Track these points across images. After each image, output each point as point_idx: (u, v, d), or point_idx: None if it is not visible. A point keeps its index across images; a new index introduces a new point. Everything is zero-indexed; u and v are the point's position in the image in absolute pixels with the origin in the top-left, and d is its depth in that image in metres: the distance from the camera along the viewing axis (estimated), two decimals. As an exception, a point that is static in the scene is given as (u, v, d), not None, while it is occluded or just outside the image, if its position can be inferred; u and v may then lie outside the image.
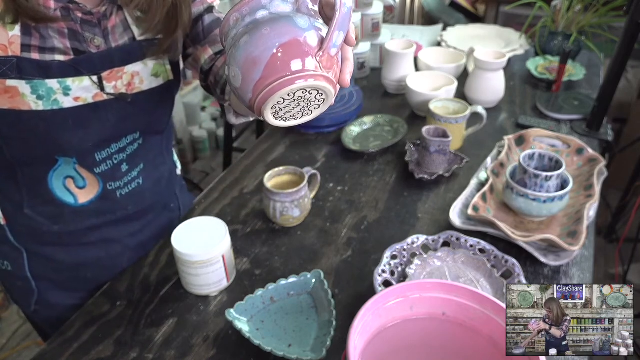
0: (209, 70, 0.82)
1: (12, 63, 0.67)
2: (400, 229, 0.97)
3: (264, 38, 0.48)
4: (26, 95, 0.69)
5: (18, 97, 0.68)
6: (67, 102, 0.71)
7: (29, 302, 0.91)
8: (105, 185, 0.82)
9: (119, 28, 0.74)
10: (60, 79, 0.70)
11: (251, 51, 0.49)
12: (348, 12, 0.48)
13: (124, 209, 0.87)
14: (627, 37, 1.11)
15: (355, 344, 0.53)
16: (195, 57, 0.83)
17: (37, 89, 0.69)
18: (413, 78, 1.34)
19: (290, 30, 0.49)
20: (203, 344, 0.76)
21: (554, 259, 0.86)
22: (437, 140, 1.06)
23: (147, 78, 0.78)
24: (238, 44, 0.50)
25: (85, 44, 0.71)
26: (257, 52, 0.48)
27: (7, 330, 1.93)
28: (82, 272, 0.89)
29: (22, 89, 0.68)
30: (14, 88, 0.68)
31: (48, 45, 0.69)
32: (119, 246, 0.90)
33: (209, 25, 0.82)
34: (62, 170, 0.78)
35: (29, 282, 0.88)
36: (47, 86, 0.69)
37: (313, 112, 0.55)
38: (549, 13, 1.57)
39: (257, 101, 0.50)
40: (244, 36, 0.50)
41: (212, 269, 0.80)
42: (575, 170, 1.06)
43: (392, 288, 0.59)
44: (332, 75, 0.51)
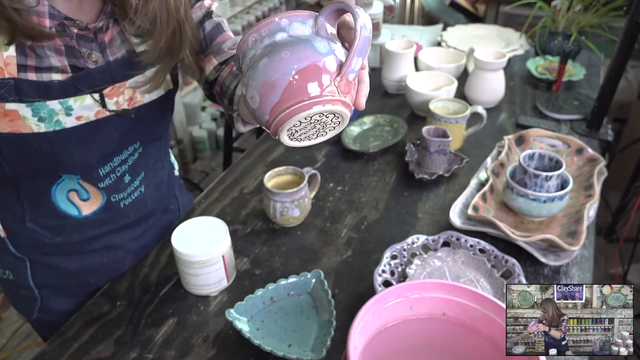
0: (214, 81, 0.81)
1: (9, 85, 0.64)
2: (400, 229, 0.97)
3: (283, 62, 0.48)
4: (27, 118, 0.67)
5: (19, 120, 0.67)
6: (70, 121, 0.70)
7: (32, 310, 0.90)
8: (109, 198, 0.82)
9: (115, 41, 0.73)
10: (62, 99, 0.68)
11: (270, 75, 0.48)
12: (368, 38, 0.48)
13: (127, 217, 0.87)
14: (627, 37, 1.11)
15: (355, 344, 0.53)
16: (199, 67, 0.82)
17: (39, 111, 0.67)
18: (413, 78, 1.34)
19: (309, 55, 0.48)
20: (203, 344, 0.76)
21: (554, 259, 0.86)
22: (437, 140, 1.06)
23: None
24: (257, 66, 0.50)
25: (82, 60, 0.69)
26: (276, 76, 0.48)
27: (7, 330, 1.93)
28: (85, 278, 0.88)
29: (23, 112, 0.66)
30: (13, 112, 0.66)
31: (45, 65, 0.66)
32: (122, 251, 0.90)
33: (210, 33, 0.81)
34: (66, 184, 0.77)
35: (32, 290, 0.87)
36: (48, 107, 0.67)
37: (328, 134, 0.55)
38: (549, 13, 1.57)
39: (274, 124, 0.50)
40: (263, 59, 0.49)
41: (212, 269, 0.80)
42: (575, 170, 1.06)
43: (392, 288, 0.59)
44: (349, 99, 0.51)
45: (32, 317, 0.91)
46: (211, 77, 0.81)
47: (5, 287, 0.90)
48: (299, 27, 0.51)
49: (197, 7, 0.80)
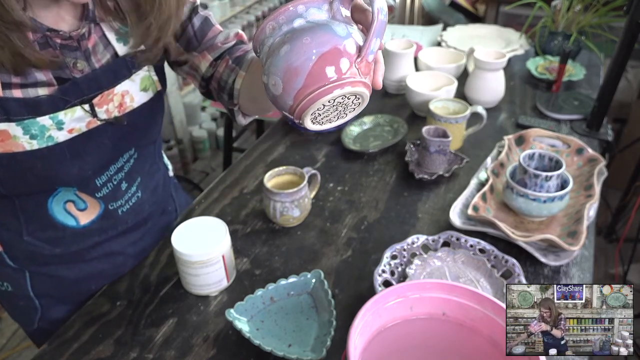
0: (211, 77, 0.81)
1: None
2: (400, 229, 0.97)
3: (305, 47, 0.49)
4: (18, 137, 0.65)
5: (9, 139, 0.64)
6: (62, 136, 0.68)
7: (32, 320, 0.89)
8: (107, 206, 0.81)
9: (99, 46, 0.70)
10: (52, 114, 0.66)
11: (293, 60, 0.49)
12: (385, 20, 0.49)
13: (125, 223, 0.86)
14: (627, 37, 1.11)
15: (355, 344, 0.53)
16: (193, 64, 0.81)
17: (29, 128, 0.65)
18: (413, 78, 1.34)
19: (330, 39, 0.49)
20: (203, 344, 0.76)
21: (554, 259, 0.86)
22: (437, 140, 1.06)
23: (137, 94, 0.75)
24: (278, 53, 0.50)
25: (67, 70, 0.67)
26: (299, 61, 0.49)
27: (7, 330, 1.93)
28: (86, 285, 0.87)
29: (13, 131, 0.64)
30: (3, 132, 0.64)
31: (30, 81, 0.64)
32: (121, 257, 0.89)
33: (200, 29, 0.80)
34: (62, 196, 0.76)
35: (32, 300, 0.86)
36: (39, 124, 0.65)
37: (348, 115, 0.56)
38: (549, 13, 1.57)
39: (298, 109, 0.51)
40: (284, 45, 0.50)
41: (212, 269, 0.80)
42: (575, 170, 1.06)
43: (392, 288, 0.59)
44: (369, 79, 0.53)
45: (32, 327, 0.90)
46: (207, 74, 0.81)
47: (3, 299, 0.88)
48: (315, 13, 0.52)
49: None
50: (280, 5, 0.53)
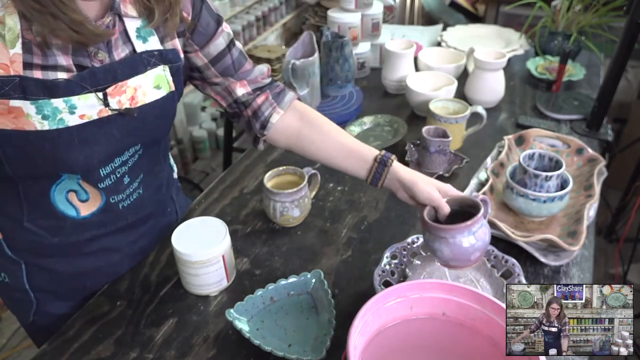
0: (245, 104, 0.88)
1: (14, 82, 0.65)
2: (400, 229, 0.97)
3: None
4: (31, 116, 0.67)
5: (22, 117, 0.67)
6: (73, 120, 0.70)
7: (27, 313, 0.90)
8: (108, 199, 0.81)
9: (119, 40, 0.73)
10: (66, 97, 0.69)
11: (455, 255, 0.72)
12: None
13: (125, 219, 0.86)
14: (627, 37, 1.11)
15: (355, 344, 0.53)
16: (228, 88, 0.87)
17: (42, 109, 0.67)
18: (413, 78, 1.34)
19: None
20: (203, 344, 0.76)
21: (554, 259, 0.86)
22: (437, 140, 1.06)
23: (150, 91, 0.77)
24: (453, 245, 0.71)
25: (88, 59, 0.70)
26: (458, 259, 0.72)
27: (7, 330, 1.93)
28: (82, 281, 0.88)
29: (27, 109, 0.67)
30: (18, 109, 0.66)
31: (50, 63, 0.67)
32: (119, 255, 0.89)
33: (238, 60, 0.87)
34: (65, 185, 0.77)
35: (27, 294, 0.87)
36: (52, 106, 0.68)
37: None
38: (549, 13, 1.57)
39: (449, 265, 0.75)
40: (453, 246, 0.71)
41: (212, 269, 0.80)
42: (575, 170, 1.06)
43: (392, 288, 0.59)
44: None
45: (27, 320, 0.91)
46: (243, 99, 0.88)
47: (1, 290, 0.89)
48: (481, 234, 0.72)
49: (219, 32, 0.84)
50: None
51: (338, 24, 1.49)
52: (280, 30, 2.83)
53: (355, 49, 1.52)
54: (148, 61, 0.76)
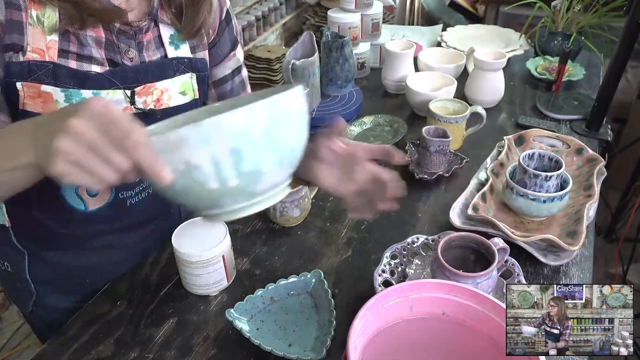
0: None
1: (48, 68, 0.66)
2: (400, 229, 0.97)
3: None
4: (59, 103, 0.68)
5: (51, 103, 0.68)
6: None
7: (26, 303, 0.91)
8: (117, 194, 0.82)
9: (152, 44, 0.76)
10: (95, 90, 0.70)
11: None
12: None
13: (131, 217, 0.87)
14: (627, 37, 1.11)
15: (355, 344, 0.53)
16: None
17: (71, 98, 0.69)
18: (413, 78, 1.34)
19: None
20: (203, 344, 0.76)
21: (553, 259, 0.86)
22: (437, 140, 1.06)
23: (175, 95, 0.79)
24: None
25: (119, 55, 0.72)
26: None
27: (7, 330, 1.93)
28: (82, 277, 0.89)
29: (56, 96, 0.68)
30: (48, 94, 0.68)
31: (85, 53, 0.69)
32: (121, 253, 0.90)
33: (236, 89, 0.90)
34: None
35: (28, 284, 0.88)
36: (81, 96, 0.69)
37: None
38: (549, 13, 1.57)
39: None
40: None
41: (212, 269, 0.81)
42: (575, 170, 1.06)
43: (392, 288, 0.59)
44: None
45: (27, 310, 0.92)
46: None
47: (3, 278, 0.91)
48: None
49: (230, 55, 0.86)
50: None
51: (338, 24, 1.49)
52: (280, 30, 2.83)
53: (355, 49, 1.52)
54: (177, 67, 0.78)
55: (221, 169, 0.48)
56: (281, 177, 0.55)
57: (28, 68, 0.66)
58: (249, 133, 0.48)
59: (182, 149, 0.47)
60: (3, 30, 0.63)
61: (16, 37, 0.64)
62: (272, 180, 0.53)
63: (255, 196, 0.53)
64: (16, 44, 0.64)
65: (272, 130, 0.50)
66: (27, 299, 0.90)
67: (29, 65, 0.66)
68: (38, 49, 0.66)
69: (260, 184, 0.52)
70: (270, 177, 0.53)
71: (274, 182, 0.54)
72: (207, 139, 0.47)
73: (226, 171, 0.49)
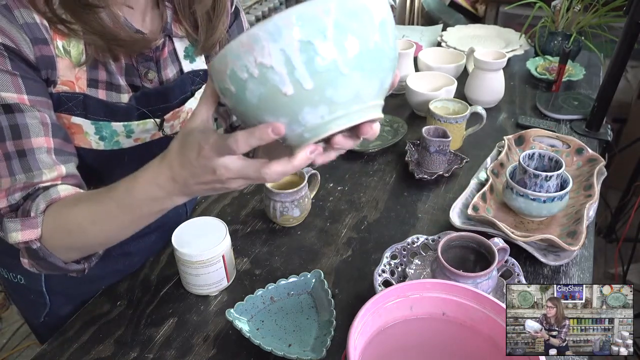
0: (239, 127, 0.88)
1: (78, 99, 0.66)
2: (400, 229, 0.97)
3: None
4: (89, 135, 0.68)
5: (81, 134, 0.68)
6: (127, 143, 0.71)
7: (39, 314, 0.90)
8: None
9: (168, 60, 0.74)
10: (126, 122, 0.70)
11: None
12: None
13: (149, 225, 0.87)
14: (627, 37, 1.11)
15: (355, 344, 0.53)
16: (228, 111, 0.88)
17: (101, 130, 0.68)
18: (413, 78, 1.34)
19: None
20: (203, 344, 0.76)
21: (553, 259, 0.86)
22: (437, 140, 1.06)
23: None
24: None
25: (138, 79, 0.71)
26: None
27: (7, 330, 1.93)
28: (98, 284, 0.88)
29: (87, 128, 0.68)
30: (78, 126, 0.67)
31: (114, 82, 0.68)
32: (136, 257, 0.90)
33: None
34: None
35: (43, 296, 0.87)
36: (111, 128, 0.69)
37: None
38: (549, 13, 1.57)
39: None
40: None
41: (212, 269, 0.81)
42: (575, 170, 1.06)
43: (392, 288, 0.59)
44: None
45: (37, 321, 0.91)
46: (236, 124, 0.89)
47: (14, 290, 0.90)
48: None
49: None
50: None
51: (338, 24, 1.49)
52: (280, 30, 2.83)
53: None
54: (193, 80, 0.77)
55: (294, 66, 0.45)
56: (365, 87, 0.49)
57: (58, 100, 0.65)
58: (319, 24, 0.45)
59: (254, 50, 0.45)
60: (38, 67, 0.62)
61: (50, 72, 0.63)
62: (353, 88, 0.48)
63: (337, 107, 0.48)
64: (50, 79, 0.64)
65: (346, 23, 0.45)
66: (40, 310, 0.89)
67: (59, 97, 0.65)
68: (68, 80, 0.65)
69: (340, 90, 0.47)
70: (350, 83, 0.47)
71: (356, 91, 0.48)
72: (276, 33, 0.45)
73: (299, 69, 0.45)
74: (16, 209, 0.62)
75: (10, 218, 0.62)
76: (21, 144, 0.61)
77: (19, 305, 0.93)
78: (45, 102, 0.63)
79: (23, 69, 0.60)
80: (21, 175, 0.62)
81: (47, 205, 0.62)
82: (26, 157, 0.61)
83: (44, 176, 0.62)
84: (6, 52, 0.58)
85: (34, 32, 0.60)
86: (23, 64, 0.60)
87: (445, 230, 0.91)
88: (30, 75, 0.61)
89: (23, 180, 0.62)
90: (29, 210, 0.61)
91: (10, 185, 0.62)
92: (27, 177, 0.62)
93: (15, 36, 0.58)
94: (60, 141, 0.64)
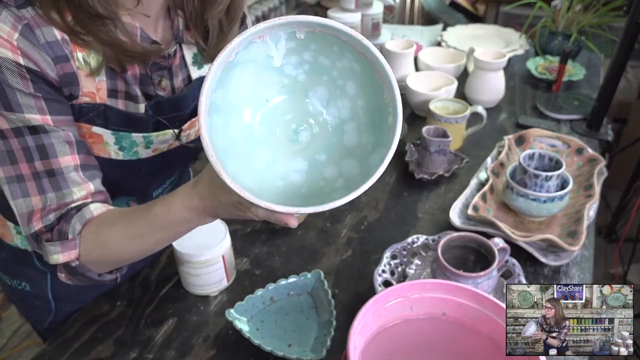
0: None
1: (99, 110, 0.66)
2: (400, 229, 0.97)
3: None
4: (109, 145, 0.69)
5: (101, 144, 0.68)
6: (146, 153, 0.72)
7: (43, 320, 0.90)
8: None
9: (178, 67, 0.75)
10: (146, 133, 0.70)
11: None
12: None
13: None
14: (627, 37, 1.11)
15: (355, 344, 0.53)
16: None
17: (121, 140, 0.69)
18: (413, 78, 1.34)
19: None
20: (203, 344, 0.76)
21: (554, 259, 0.86)
22: (437, 140, 1.06)
23: None
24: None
25: (152, 87, 0.71)
26: None
27: (7, 330, 1.93)
28: (103, 287, 0.87)
29: (107, 138, 0.68)
30: (98, 135, 0.68)
31: (132, 92, 0.69)
32: (143, 262, 0.89)
33: None
34: (115, 204, 0.77)
35: (48, 302, 0.88)
36: (131, 139, 0.70)
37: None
38: (549, 13, 1.57)
39: None
40: None
41: (212, 269, 0.80)
42: (575, 170, 1.06)
43: (392, 288, 0.59)
44: None
45: (42, 326, 0.91)
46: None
47: (19, 297, 0.90)
48: None
49: None
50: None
51: (338, 24, 1.49)
52: (280, 30, 2.83)
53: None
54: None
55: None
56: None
57: (79, 110, 0.66)
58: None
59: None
60: (60, 86, 0.63)
61: (73, 89, 0.64)
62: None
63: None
64: (73, 95, 0.65)
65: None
66: (45, 316, 0.90)
67: (81, 108, 0.66)
68: (89, 92, 0.65)
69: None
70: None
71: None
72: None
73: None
74: (51, 229, 0.65)
75: (50, 241, 0.64)
76: (49, 163, 0.63)
77: (24, 312, 0.93)
78: (69, 121, 0.65)
79: (45, 91, 0.61)
80: (51, 193, 0.64)
81: (82, 226, 0.64)
82: (55, 177, 0.63)
83: (74, 195, 0.65)
84: (29, 75, 0.59)
85: (55, 50, 0.61)
86: (45, 85, 0.61)
87: (445, 230, 0.91)
88: (52, 96, 0.62)
89: (54, 199, 0.64)
90: (66, 232, 0.64)
91: (42, 205, 0.64)
92: (57, 196, 0.64)
93: (38, 58, 0.59)
94: (84, 156, 0.66)
